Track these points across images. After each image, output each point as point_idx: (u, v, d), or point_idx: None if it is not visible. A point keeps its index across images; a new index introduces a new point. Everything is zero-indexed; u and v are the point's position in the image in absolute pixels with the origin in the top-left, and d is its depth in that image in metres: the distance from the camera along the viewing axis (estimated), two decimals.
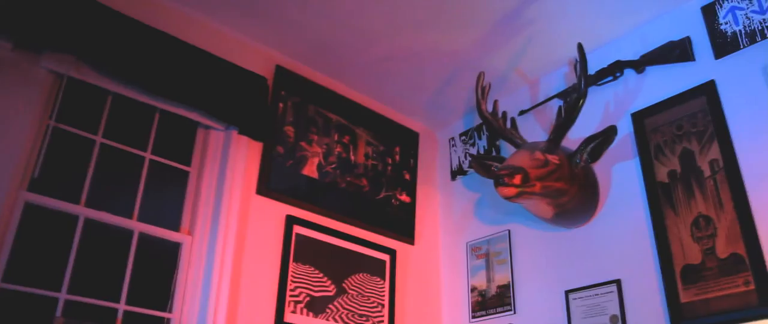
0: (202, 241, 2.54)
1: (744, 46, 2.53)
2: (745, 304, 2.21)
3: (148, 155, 2.60)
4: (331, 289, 2.82)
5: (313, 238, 2.85)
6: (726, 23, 2.61)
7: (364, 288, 2.94)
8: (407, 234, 3.27)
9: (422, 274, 3.26)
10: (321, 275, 2.81)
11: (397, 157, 3.40)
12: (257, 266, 2.65)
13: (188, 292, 2.46)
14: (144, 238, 2.48)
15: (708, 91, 2.56)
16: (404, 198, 3.33)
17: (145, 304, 2.41)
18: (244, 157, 2.73)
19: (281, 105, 2.97)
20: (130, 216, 2.47)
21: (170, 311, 2.44)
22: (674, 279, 2.40)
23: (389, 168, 3.33)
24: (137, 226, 2.46)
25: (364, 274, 2.98)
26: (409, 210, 3.34)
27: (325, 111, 3.15)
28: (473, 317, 3.07)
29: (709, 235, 2.37)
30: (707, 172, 2.46)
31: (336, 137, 3.14)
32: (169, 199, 2.63)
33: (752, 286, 2.21)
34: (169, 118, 2.67)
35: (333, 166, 3.07)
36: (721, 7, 2.65)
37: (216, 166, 2.69)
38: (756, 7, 2.54)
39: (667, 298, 2.40)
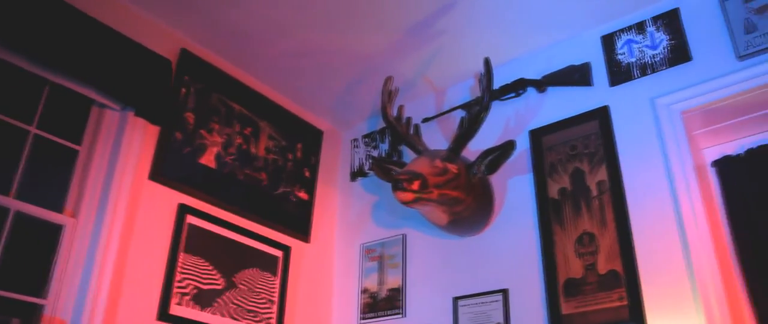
0: (87, 224, 2.42)
1: (636, 77, 2.69)
2: (618, 318, 2.34)
3: (33, 129, 2.44)
4: (220, 283, 2.75)
5: (205, 230, 2.77)
6: (622, 54, 2.77)
7: (254, 283, 2.89)
8: (303, 231, 3.24)
9: (315, 273, 3.24)
10: (211, 268, 2.73)
11: (299, 154, 3.37)
12: (144, 255, 2.54)
13: (67, 277, 2.33)
14: (22, 217, 2.31)
15: (601, 115, 2.70)
16: (302, 195, 3.31)
17: (18, 288, 2.25)
18: (139, 141, 2.62)
19: (183, 90, 2.87)
20: (6, 193, 2.31)
21: (45, 297, 2.29)
22: (557, 291, 2.51)
23: (290, 164, 3.29)
24: (14, 204, 2.30)
25: (256, 270, 2.92)
26: (307, 207, 3.31)
27: (229, 100, 3.07)
28: (363, 319, 3.08)
29: (591, 252, 2.50)
30: (594, 192, 2.59)
31: (238, 128, 3.07)
32: (53, 179, 2.47)
33: (625, 302, 2.34)
34: (60, 93, 2.51)
35: (232, 157, 2.99)
36: (619, 38, 2.81)
37: (108, 147, 2.56)
38: (649, 43, 2.71)
39: (549, 310, 2.50)
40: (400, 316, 2.97)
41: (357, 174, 3.51)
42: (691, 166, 2.44)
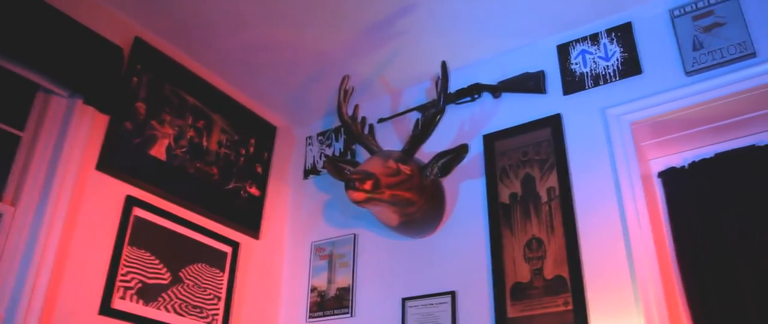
0: (27, 214, 2.33)
1: (589, 87, 2.75)
2: (563, 323, 2.38)
3: None
4: (166, 277, 2.70)
5: (152, 223, 2.71)
6: (576, 64, 2.82)
7: (201, 279, 2.84)
8: (253, 228, 3.20)
9: (264, 270, 3.20)
10: (157, 262, 2.68)
11: (252, 149, 3.33)
12: (87, 247, 2.46)
13: (2, 268, 2.24)
14: None
15: (554, 123, 2.74)
16: (254, 191, 3.27)
17: None
18: (86, 129, 2.54)
19: (135, 79, 2.80)
20: None
21: None
22: (504, 295, 2.54)
23: (242, 159, 3.25)
24: None
25: (203, 265, 2.87)
26: (258, 204, 3.28)
27: (182, 92, 3.01)
28: (310, 317, 3.06)
29: (539, 257, 2.54)
30: (544, 198, 2.63)
31: (190, 121, 3.02)
32: None
33: (570, 307, 2.39)
34: (2, 76, 2.42)
35: (183, 149, 2.94)
36: (573, 48, 2.86)
37: (53, 134, 2.48)
38: (602, 54, 2.77)
39: (496, 313, 2.53)
40: (348, 315, 2.96)
41: (310, 172, 3.49)
42: (638, 175, 2.50)
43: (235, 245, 3.05)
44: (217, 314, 2.86)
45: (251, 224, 3.20)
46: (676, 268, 2.59)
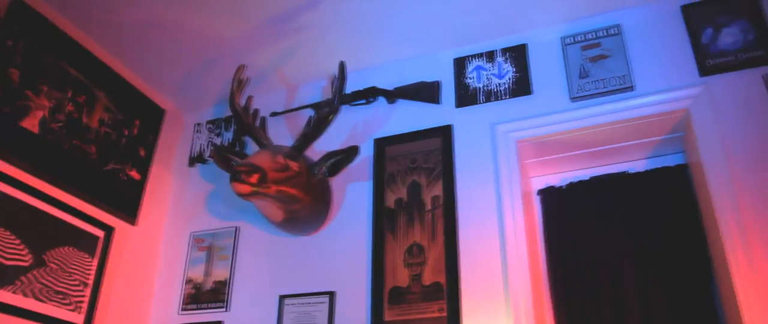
0: None
1: (481, 102, 2.83)
2: None
3: None
4: (27, 259, 2.51)
5: (16, 199, 2.51)
6: (471, 78, 2.90)
7: (68, 263, 2.67)
8: (130, 213, 3.05)
9: (138, 258, 3.06)
10: (18, 242, 2.48)
11: (136, 131, 3.17)
12: None
13: None
14: None
15: (444, 133, 2.80)
16: (134, 174, 3.12)
17: None
18: None
19: (10, 42, 2.59)
20: None
21: None
22: (382, 298, 2.56)
23: (124, 140, 3.09)
24: None
25: (71, 248, 2.70)
26: (137, 188, 3.12)
27: (64, 63, 2.82)
28: (183, 310, 2.96)
29: (419, 263, 2.58)
30: (428, 206, 2.68)
31: (70, 94, 2.83)
32: None
33: (445, 314, 2.44)
34: None
35: (60, 124, 2.75)
36: (470, 63, 2.94)
37: None
38: (496, 72, 2.87)
39: (372, 315, 2.54)
40: (223, 310, 2.88)
41: (196, 160, 3.38)
42: (519, 191, 2.59)
43: (109, 230, 2.90)
44: (82, 301, 2.70)
45: (128, 209, 3.05)
46: (547, 282, 2.71)
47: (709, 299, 2.44)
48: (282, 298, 2.76)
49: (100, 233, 2.85)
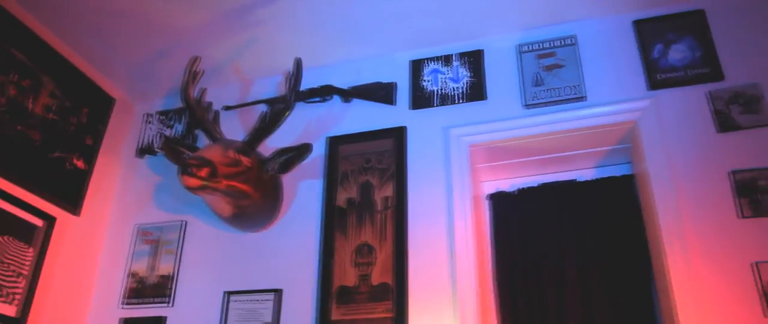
0: None
1: (436, 105, 2.85)
2: None
3: None
4: None
5: None
6: (427, 81, 2.91)
7: (3, 253, 2.57)
8: (73, 203, 2.96)
9: (80, 249, 2.97)
10: None
11: (84, 119, 3.09)
12: None
13: None
14: None
15: (398, 135, 2.80)
16: (80, 164, 3.03)
17: None
18: None
19: None
20: None
21: None
22: (329, 297, 2.55)
23: (71, 128, 3.00)
24: None
25: (9, 238, 2.60)
26: (82, 178, 3.04)
27: (10, 45, 2.73)
28: (126, 304, 2.89)
29: (368, 263, 2.57)
30: (379, 207, 2.68)
31: (15, 78, 2.73)
32: None
33: (391, 314, 2.44)
34: None
35: (2, 109, 2.66)
36: (426, 66, 2.95)
37: None
38: (452, 76, 2.89)
39: (320, 314, 2.53)
40: (166, 305, 2.82)
41: (145, 151, 3.30)
42: (470, 195, 2.62)
43: (50, 220, 2.81)
44: (17, 293, 2.61)
45: (72, 199, 2.97)
46: (493, 285, 2.74)
47: (648, 302, 2.52)
48: (228, 294, 2.72)
49: (40, 223, 2.76)
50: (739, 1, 2.66)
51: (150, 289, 2.89)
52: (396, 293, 2.48)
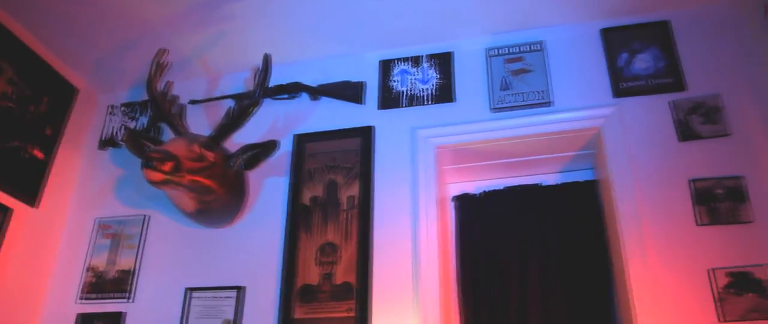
0: None
1: (403, 106, 2.85)
2: None
3: None
4: None
5: None
6: (396, 81, 2.92)
7: None
8: (30, 194, 2.89)
9: (37, 241, 2.90)
10: None
11: (44, 108, 3.01)
12: None
13: None
14: None
15: (365, 134, 2.80)
16: (38, 154, 2.96)
17: None
18: None
19: None
20: None
21: None
22: (292, 295, 2.54)
23: (30, 117, 2.92)
24: None
25: None
26: (41, 168, 2.96)
27: None
28: (83, 299, 2.83)
29: (331, 262, 2.57)
30: (344, 205, 2.67)
31: None
32: None
33: (353, 314, 2.44)
34: None
35: None
36: (395, 66, 2.96)
37: None
38: (421, 77, 2.89)
39: (281, 312, 2.51)
40: (126, 300, 2.77)
41: (107, 143, 3.24)
42: (435, 196, 2.63)
43: (6, 211, 2.74)
44: None
45: (29, 190, 2.89)
46: (456, 286, 2.76)
47: (607, 305, 2.57)
48: (189, 290, 2.69)
49: None
50: (702, 14, 2.72)
51: (109, 284, 2.84)
52: (359, 292, 2.47)
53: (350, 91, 2.93)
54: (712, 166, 2.40)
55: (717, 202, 2.32)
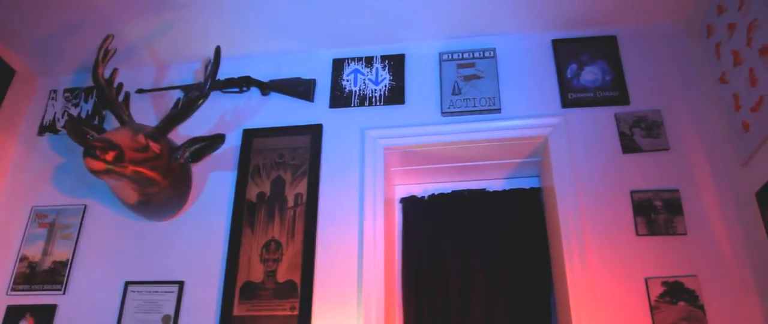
0: None
1: (354, 106, 2.85)
2: None
3: None
4: None
5: None
6: (347, 80, 2.91)
7: None
8: None
9: None
10: None
11: None
12: None
13: None
14: None
15: (314, 132, 2.79)
16: None
17: None
18: None
19: None
20: None
21: None
22: (233, 292, 2.50)
23: None
24: None
25: None
26: None
27: None
28: (13, 290, 2.72)
29: (275, 259, 2.54)
30: (290, 203, 2.65)
31: None
32: None
33: (296, 312, 2.43)
34: None
35: None
36: (348, 65, 2.95)
37: None
38: (373, 77, 2.89)
39: (222, 309, 2.48)
40: (59, 292, 2.68)
41: (47, 129, 3.13)
42: (382, 198, 2.63)
43: None
44: None
45: None
46: (400, 287, 2.77)
47: (547, 310, 2.65)
48: (128, 283, 2.62)
49: None
50: (647, 31, 2.80)
51: (41, 276, 2.74)
52: (302, 291, 2.46)
53: (301, 88, 2.91)
54: (651, 179, 2.48)
55: (655, 213, 2.39)
